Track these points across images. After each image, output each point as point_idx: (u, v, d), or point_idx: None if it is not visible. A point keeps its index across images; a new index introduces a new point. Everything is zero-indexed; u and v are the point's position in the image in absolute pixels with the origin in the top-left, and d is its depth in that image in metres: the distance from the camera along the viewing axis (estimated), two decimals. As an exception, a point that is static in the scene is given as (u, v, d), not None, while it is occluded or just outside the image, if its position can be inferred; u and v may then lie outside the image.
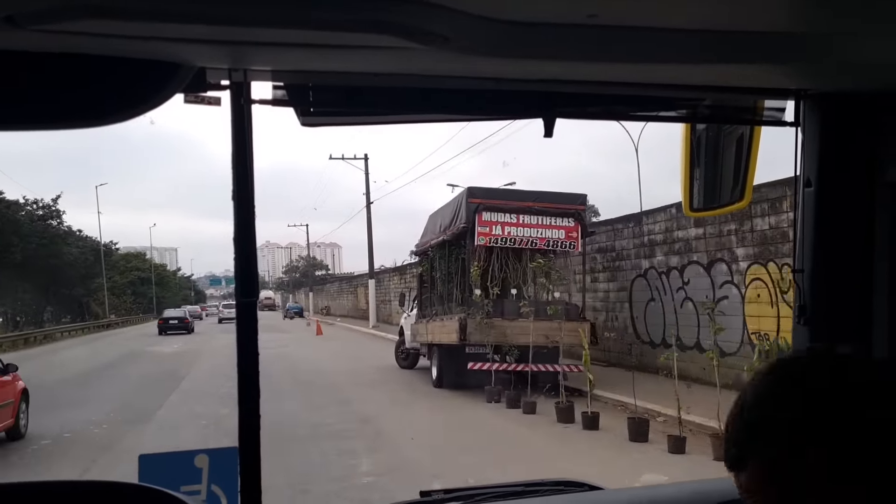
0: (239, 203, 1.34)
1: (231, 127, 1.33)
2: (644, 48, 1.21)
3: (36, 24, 0.98)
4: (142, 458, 1.96)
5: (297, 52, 1.19)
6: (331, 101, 1.44)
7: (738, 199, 1.72)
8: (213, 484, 1.99)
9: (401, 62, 1.25)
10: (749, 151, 1.68)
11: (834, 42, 1.23)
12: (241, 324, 1.36)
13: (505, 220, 12.82)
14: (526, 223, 12.90)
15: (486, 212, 12.75)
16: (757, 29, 1.14)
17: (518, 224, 12.88)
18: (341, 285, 58.86)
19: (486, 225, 12.77)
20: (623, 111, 1.66)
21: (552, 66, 1.31)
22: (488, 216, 12.77)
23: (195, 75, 1.23)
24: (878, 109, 1.51)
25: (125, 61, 1.15)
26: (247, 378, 1.36)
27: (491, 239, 12.82)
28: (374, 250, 37.36)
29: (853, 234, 1.56)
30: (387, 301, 38.23)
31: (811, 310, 1.58)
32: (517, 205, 12.87)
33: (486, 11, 1.03)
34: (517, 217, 12.86)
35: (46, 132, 1.51)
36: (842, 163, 1.56)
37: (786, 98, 1.57)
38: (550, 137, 1.49)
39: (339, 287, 59.48)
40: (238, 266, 1.35)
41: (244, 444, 1.37)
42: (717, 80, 1.47)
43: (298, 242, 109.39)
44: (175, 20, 1.00)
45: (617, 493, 1.88)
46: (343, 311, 55.12)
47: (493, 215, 12.80)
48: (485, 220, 12.75)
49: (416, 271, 19.25)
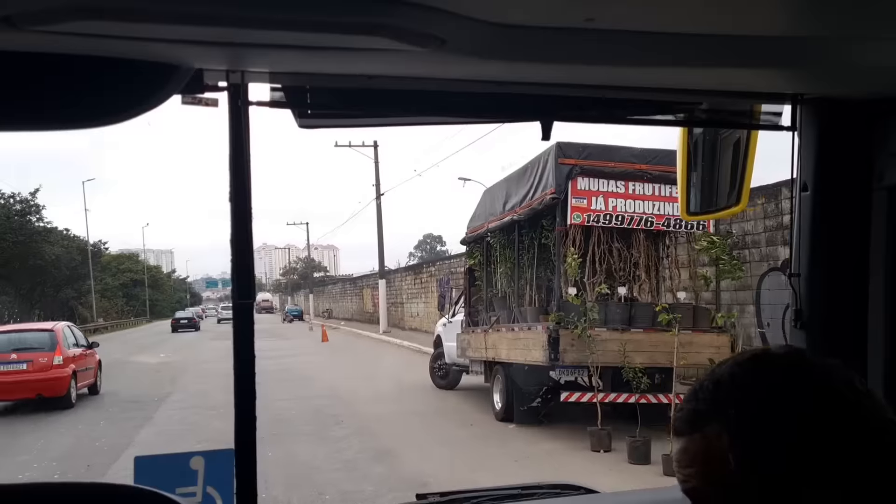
0: (236, 205, 1.34)
1: (228, 129, 1.33)
2: (641, 52, 1.22)
3: (33, 24, 0.98)
4: (137, 460, 1.96)
5: (294, 53, 1.19)
6: (328, 103, 1.44)
7: (734, 203, 1.73)
8: (208, 486, 1.96)
9: (398, 64, 1.26)
10: (746, 155, 1.68)
11: (830, 46, 1.24)
12: (237, 326, 1.37)
13: (609, 188, 9.05)
14: (637, 194, 9.15)
15: (584, 178, 8.97)
16: (754, 33, 1.16)
17: (627, 195, 9.12)
18: (344, 287, 54.80)
19: (583, 196, 8.98)
20: (620, 115, 1.61)
21: (549, 69, 1.32)
22: (586, 184, 9.00)
23: (192, 77, 1.23)
24: (874, 113, 1.52)
25: (122, 62, 1.16)
26: (243, 380, 1.37)
27: (591, 216, 9.04)
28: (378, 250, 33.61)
29: (850, 238, 1.57)
30: (398, 303, 34.42)
31: (808, 314, 1.60)
32: (626, 167, 9.09)
33: (482, 14, 1.04)
34: (625, 185, 9.11)
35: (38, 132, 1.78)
36: (838, 167, 1.57)
37: (782, 102, 1.58)
38: (548, 140, 1.52)
39: (343, 289, 55.41)
40: (235, 268, 1.35)
41: (240, 446, 1.38)
42: (714, 84, 1.48)
43: (296, 245, 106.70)
44: (172, 21, 1.00)
45: (613, 497, 1.88)
46: (346, 314, 51.27)
47: (593, 183, 9.02)
48: (582, 190, 8.97)
49: (463, 266, 15.31)
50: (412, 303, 32.12)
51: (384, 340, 28.70)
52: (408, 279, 32.79)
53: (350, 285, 51.21)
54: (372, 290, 41.90)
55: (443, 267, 27.20)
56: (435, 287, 27.84)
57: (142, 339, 38.36)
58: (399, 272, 35.63)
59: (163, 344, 33.25)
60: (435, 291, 28.03)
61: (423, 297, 30.26)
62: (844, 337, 1.56)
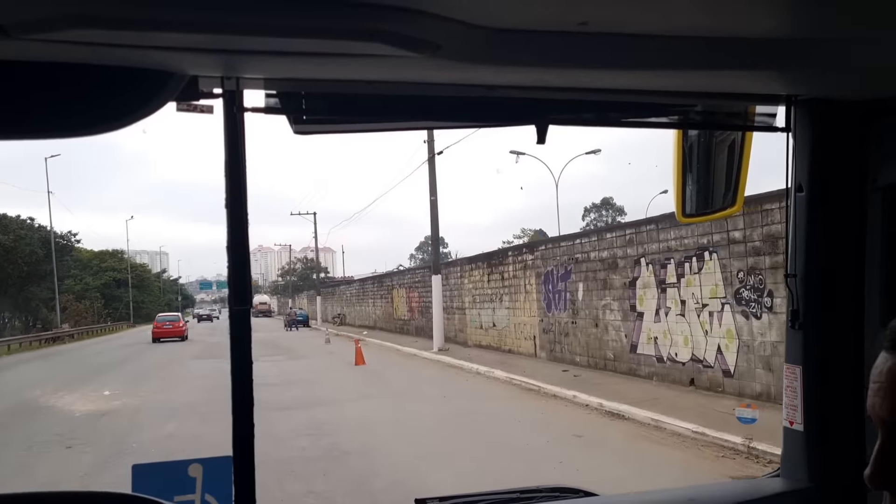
0: (232, 210, 1.33)
1: (224, 135, 1.32)
2: (635, 55, 1.22)
3: (27, 33, 0.97)
4: (135, 468, 1.88)
5: (289, 60, 1.19)
6: (323, 108, 1.44)
7: (730, 205, 1.72)
8: (206, 493, 1.92)
9: (393, 70, 1.26)
10: (741, 157, 1.68)
11: (824, 48, 1.25)
12: (234, 332, 1.36)
13: None
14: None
15: None
16: (747, 35, 1.17)
17: None
18: (363, 287, 44.80)
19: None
20: (615, 118, 1.63)
21: (544, 73, 1.32)
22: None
23: (188, 84, 1.23)
24: (867, 114, 1.54)
25: (117, 70, 1.15)
26: (240, 387, 1.36)
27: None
28: (431, 234, 23.85)
29: (845, 238, 1.59)
30: (456, 309, 24.59)
31: (804, 314, 1.62)
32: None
33: (477, 19, 1.04)
34: None
35: (33, 140, 1.47)
36: (832, 167, 1.59)
37: (776, 104, 1.60)
38: (543, 144, 1.50)
39: (360, 290, 45.45)
40: (231, 274, 1.34)
41: (238, 453, 1.37)
42: (709, 87, 1.48)
43: (294, 247, 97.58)
44: (167, 29, 1.00)
45: (612, 499, 1.85)
46: (366, 320, 41.49)
47: None
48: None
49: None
50: (482, 307, 22.35)
51: (450, 364, 19.00)
52: (475, 274, 22.98)
53: (374, 285, 41.26)
54: (408, 290, 32.08)
55: (550, 253, 17.47)
56: (532, 283, 17.99)
57: (105, 354, 28.72)
58: (458, 265, 25.51)
59: (127, 364, 23.55)
60: (533, 290, 18.22)
61: (503, 299, 20.53)
62: (842, 336, 1.61)
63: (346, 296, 50.19)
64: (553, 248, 17.37)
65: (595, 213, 76.35)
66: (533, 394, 13.22)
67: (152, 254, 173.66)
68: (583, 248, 15.67)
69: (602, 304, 14.78)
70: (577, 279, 15.87)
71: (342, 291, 53.00)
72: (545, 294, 17.57)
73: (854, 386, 1.61)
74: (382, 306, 37.60)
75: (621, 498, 1.88)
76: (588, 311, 15.37)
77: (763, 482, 1.88)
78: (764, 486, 1.80)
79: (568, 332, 16.39)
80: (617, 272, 14.20)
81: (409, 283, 32.12)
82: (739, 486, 1.94)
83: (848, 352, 1.61)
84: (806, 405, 1.67)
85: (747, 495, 1.72)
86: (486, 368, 16.62)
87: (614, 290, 14.32)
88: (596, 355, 15.15)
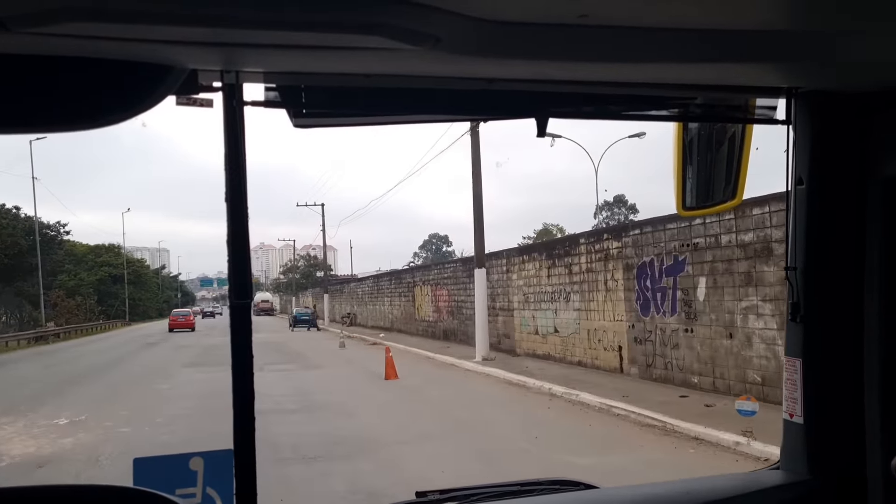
0: (232, 205, 1.33)
1: (223, 129, 1.31)
2: (635, 48, 1.22)
3: (26, 27, 0.97)
4: (136, 462, 1.88)
5: (289, 53, 1.20)
6: (323, 102, 1.44)
7: (730, 198, 1.73)
8: (208, 486, 1.90)
9: (393, 63, 1.26)
10: (741, 150, 1.69)
11: (824, 40, 1.24)
12: (235, 326, 1.36)
13: None
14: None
15: None
16: (748, 28, 1.16)
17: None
18: (377, 284, 40.58)
19: None
20: (615, 111, 1.63)
21: (544, 66, 1.32)
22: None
23: (187, 77, 1.23)
24: (868, 106, 1.54)
25: (117, 64, 1.15)
26: (241, 380, 1.36)
27: None
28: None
29: (845, 231, 1.59)
30: (501, 310, 20.49)
31: (804, 307, 1.62)
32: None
33: (477, 12, 1.04)
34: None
35: (32, 135, 1.50)
36: (833, 159, 1.59)
37: (777, 96, 1.60)
38: (543, 137, 1.49)
39: (374, 287, 41.24)
40: (231, 268, 1.34)
41: (239, 446, 1.37)
42: (709, 79, 1.48)
43: (298, 241, 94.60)
44: (166, 22, 0.99)
45: (611, 492, 1.87)
46: (381, 320, 37.46)
47: None
48: None
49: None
50: (538, 308, 18.26)
51: (506, 380, 14.96)
52: (528, 267, 18.85)
53: (391, 281, 37.11)
54: (434, 287, 28.00)
55: (648, 238, 13.38)
56: (619, 278, 13.87)
57: (87, 358, 24.95)
58: (504, 256, 21.15)
59: (106, 372, 19.60)
60: (619, 287, 14.12)
61: (571, 298, 16.47)
62: (841, 329, 1.62)
63: (358, 294, 46.09)
64: (652, 233, 13.26)
65: (608, 212, 72.22)
66: (657, 432, 9.18)
67: (152, 250, 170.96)
68: (706, 230, 11.60)
69: (742, 306, 10.73)
70: (695, 272, 11.83)
71: (352, 289, 48.88)
72: (639, 292, 13.51)
73: (854, 378, 1.64)
74: (401, 305, 33.50)
75: (620, 491, 1.90)
76: (715, 315, 11.32)
77: (762, 474, 1.89)
78: (763, 479, 1.83)
79: (678, 342, 12.34)
80: (770, 261, 10.15)
81: (436, 280, 27.99)
82: (739, 478, 1.94)
83: (848, 344, 1.63)
84: (805, 398, 1.69)
85: (747, 488, 1.77)
86: (564, 389, 12.58)
87: (765, 286, 10.28)
88: (727, 376, 11.10)
